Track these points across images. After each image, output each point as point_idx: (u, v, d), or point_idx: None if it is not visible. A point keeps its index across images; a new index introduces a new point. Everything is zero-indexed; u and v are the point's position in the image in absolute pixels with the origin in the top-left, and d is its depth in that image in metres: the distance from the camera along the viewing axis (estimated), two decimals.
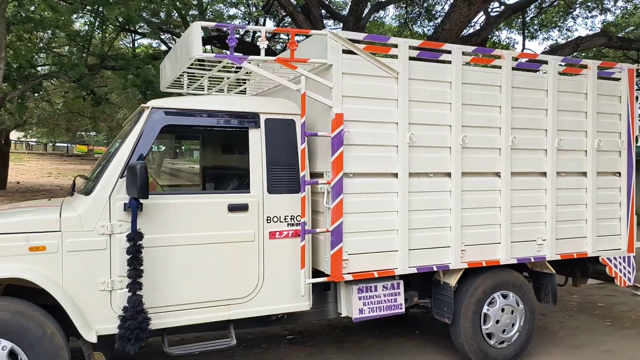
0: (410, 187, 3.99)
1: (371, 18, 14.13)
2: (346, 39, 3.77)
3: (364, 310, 3.96)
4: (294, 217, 3.80)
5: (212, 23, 3.78)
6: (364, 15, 11.69)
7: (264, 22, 14.43)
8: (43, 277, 3.16)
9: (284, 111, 3.86)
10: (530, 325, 4.53)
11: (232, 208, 3.63)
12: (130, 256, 3.24)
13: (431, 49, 4.19)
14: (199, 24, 3.48)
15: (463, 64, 4.18)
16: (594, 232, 4.74)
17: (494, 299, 4.40)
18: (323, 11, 13.10)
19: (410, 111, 3.96)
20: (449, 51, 4.14)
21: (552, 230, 4.53)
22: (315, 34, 3.94)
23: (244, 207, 3.65)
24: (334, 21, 15.50)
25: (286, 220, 3.78)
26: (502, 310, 4.41)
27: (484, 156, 4.27)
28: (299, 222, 3.80)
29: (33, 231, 3.20)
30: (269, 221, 3.73)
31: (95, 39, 12.20)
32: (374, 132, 3.88)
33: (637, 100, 5.06)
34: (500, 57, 4.37)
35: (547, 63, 4.57)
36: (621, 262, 4.92)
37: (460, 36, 9.82)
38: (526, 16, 14.99)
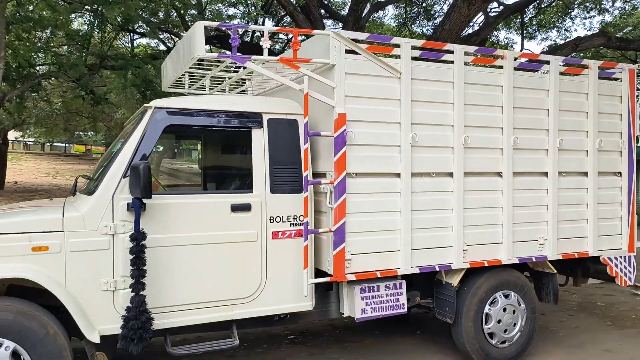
0: (413, 187, 3.99)
1: (370, 18, 14.14)
2: (349, 39, 3.77)
3: (367, 310, 3.96)
4: (296, 217, 3.80)
5: (214, 23, 3.77)
6: (363, 15, 11.69)
7: (263, 22, 14.42)
8: (46, 277, 3.15)
9: (287, 111, 3.85)
10: (532, 324, 4.54)
11: (235, 208, 3.62)
12: (134, 256, 3.23)
13: (434, 49, 4.19)
14: (202, 24, 3.47)
15: (465, 64, 4.19)
16: (595, 231, 4.75)
17: (495, 298, 4.40)
18: (322, 11, 13.10)
19: (412, 111, 3.97)
20: (452, 51, 4.14)
21: (553, 230, 4.54)
22: (318, 34, 3.94)
23: (246, 207, 3.65)
24: (333, 21, 15.49)
25: (289, 220, 3.78)
26: (504, 309, 4.42)
27: (486, 156, 4.28)
28: (301, 222, 3.79)
29: (36, 231, 3.19)
30: (272, 221, 3.73)
31: (95, 39, 12.17)
32: (376, 132, 3.88)
33: (638, 100, 5.08)
34: (502, 57, 4.37)
35: (548, 63, 4.58)
36: (622, 261, 4.94)
37: (460, 36, 9.83)
38: (525, 16, 15.02)
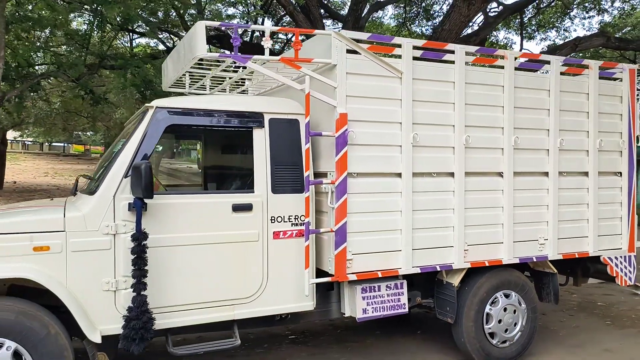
0: (414, 187, 3.99)
1: (370, 18, 14.14)
2: (350, 38, 3.77)
3: (368, 310, 3.96)
4: (297, 217, 3.80)
5: (216, 23, 3.76)
6: (363, 15, 11.69)
7: (262, 22, 14.42)
8: (47, 277, 3.14)
9: (288, 111, 3.85)
10: (533, 324, 4.54)
11: (237, 208, 3.62)
12: (135, 256, 3.23)
13: (435, 48, 4.19)
14: (203, 24, 3.46)
15: (466, 64, 4.19)
16: (595, 231, 4.76)
17: (496, 298, 4.41)
18: (322, 11, 13.10)
19: (414, 111, 3.97)
20: (453, 51, 4.14)
21: (554, 230, 4.55)
22: (320, 34, 3.93)
23: (248, 207, 3.65)
24: (333, 21, 15.50)
25: (290, 220, 3.78)
26: (505, 309, 4.42)
27: (487, 156, 4.28)
28: (303, 222, 3.79)
29: (37, 231, 3.18)
30: (273, 221, 3.73)
31: (94, 38, 12.16)
32: (377, 132, 3.88)
33: (638, 100, 5.08)
34: (503, 57, 4.38)
35: (549, 63, 4.59)
36: (622, 261, 4.95)
37: (460, 36, 9.84)
38: (524, 17, 15.04)
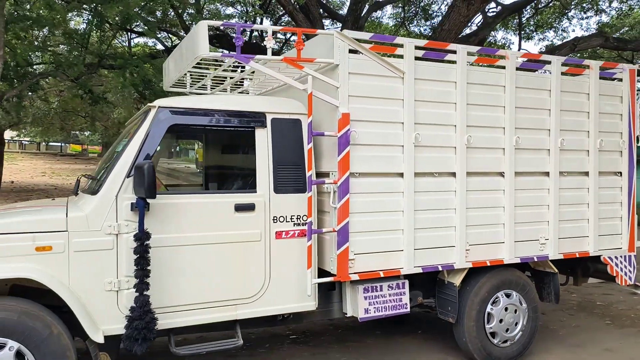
0: (416, 187, 3.99)
1: (369, 18, 14.14)
2: (353, 38, 3.77)
3: (370, 310, 3.96)
4: (300, 217, 3.79)
5: (218, 22, 3.75)
6: (362, 14, 11.70)
7: (261, 21, 14.41)
8: (49, 277, 3.13)
9: (291, 111, 3.85)
10: (533, 324, 4.55)
11: (239, 208, 3.62)
12: (138, 256, 3.22)
13: (437, 49, 4.20)
14: (205, 23, 3.45)
15: (467, 64, 4.20)
16: (595, 231, 4.77)
17: (497, 298, 4.41)
18: (320, 10, 13.09)
19: (416, 111, 3.97)
20: (454, 51, 4.15)
21: (554, 230, 4.56)
22: (322, 34, 3.94)
23: (250, 207, 3.65)
24: (332, 21, 15.50)
25: (292, 220, 3.78)
26: (506, 309, 4.43)
27: (488, 156, 4.29)
28: (305, 221, 3.79)
29: (39, 231, 3.17)
30: (276, 221, 3.73)
31: (93, 37, 12.13)
32: (380, 132, 3.88)
33: (638, 101, 5.10)
34: (505, 57, 4.38)
35: (550, 63, 4.60)
36: (622, 261, 4.96)
37: (459, 37, 9.85)
38: (522, 17, 15.07)
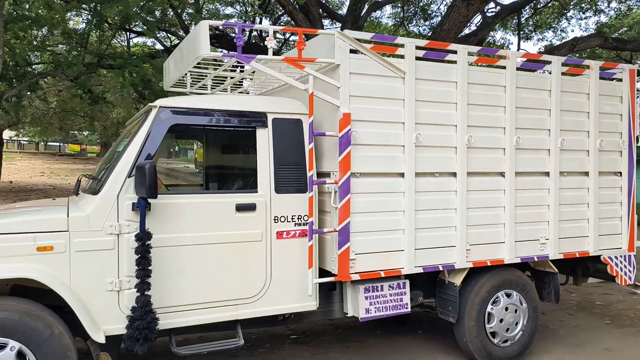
0: (417, 187, 4.00)
1: (368, 18, 14.15)
2: (354, 38, 3.77)
3: (371, 310, 3.96)
4: (301, 217, 3.79)
5: (219, 22, 3.75)
6: (362, 14, 11.70)
7: (260, 21, 14.40)
8: (51, 277, 3.13)
9: (292, 111, 3.85)
10: (534, 324, 4.56)
11: (240, 208, 3.61)
12: (139, 256, 3.22)
13: (437, 49, 4.20)
14: (206, 23, 3.45)
15: (468, 64, 4.20)
16: (595, 231, 4.78)
17: (498, 298, 4.42)
18: (320, 10, 13.10)
19: (416, 111, 3.97)
20: (455, 51, 4.16)
21: (555, 230, 4.56)
22: (323, 34, 3.94)
23: (251, 207, 3.65)
24: (331, 20, 15.51)
25: (293, 220, 3.78)
26: (506, 309, 4.43)
27: (488, 156, 4.30)
28: (306, 221, 3.79)
29: (41, 231, 3.17)
30: (277, 221, 3.73)
31: (92, 37, 12.11)
32: (380, 132, 3.88)
33: (638, 101, 5.11)
34: (505, 57, 4.39)
35: (550, 63, 4.60)
36: (622, 260, 4.97)
37: (458, 37, 9.86)
38: (521, 17, 15.09)
